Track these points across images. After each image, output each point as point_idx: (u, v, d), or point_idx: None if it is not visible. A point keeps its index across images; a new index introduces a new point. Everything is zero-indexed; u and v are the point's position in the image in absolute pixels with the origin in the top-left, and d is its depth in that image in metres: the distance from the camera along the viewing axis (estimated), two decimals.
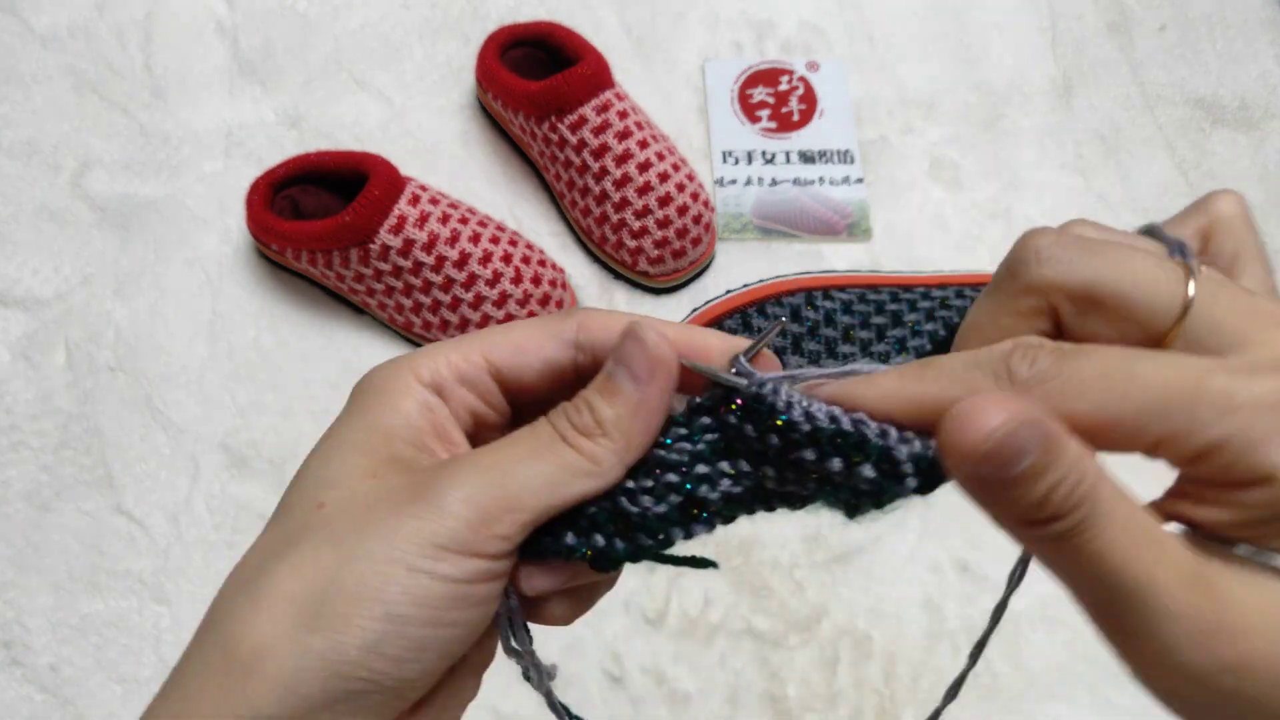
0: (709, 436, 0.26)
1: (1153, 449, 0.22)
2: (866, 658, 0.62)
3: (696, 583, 0.63)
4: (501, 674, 0.29)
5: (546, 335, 0.27)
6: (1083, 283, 0.24)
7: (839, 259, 0.75)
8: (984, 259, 0.75)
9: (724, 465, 0.25)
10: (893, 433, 0.23)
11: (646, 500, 0.25)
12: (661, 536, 0.25)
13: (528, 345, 0.27)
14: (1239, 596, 0.21)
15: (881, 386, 0.24)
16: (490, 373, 0.27)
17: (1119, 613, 0.21)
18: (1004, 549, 0.25)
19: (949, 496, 0.30)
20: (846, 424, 0.23)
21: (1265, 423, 0.21)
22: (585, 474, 0.24)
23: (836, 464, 0.23)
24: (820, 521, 0.66)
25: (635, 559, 0.25)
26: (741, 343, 0.27)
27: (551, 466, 0.24)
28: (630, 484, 0.25)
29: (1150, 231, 0.26)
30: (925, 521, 0.65)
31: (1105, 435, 0.21)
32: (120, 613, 0.61)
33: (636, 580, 0.63)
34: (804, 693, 0.61)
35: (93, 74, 0.78)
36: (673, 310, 0.71)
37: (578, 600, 0.28)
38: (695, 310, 0.67)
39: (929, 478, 0.23)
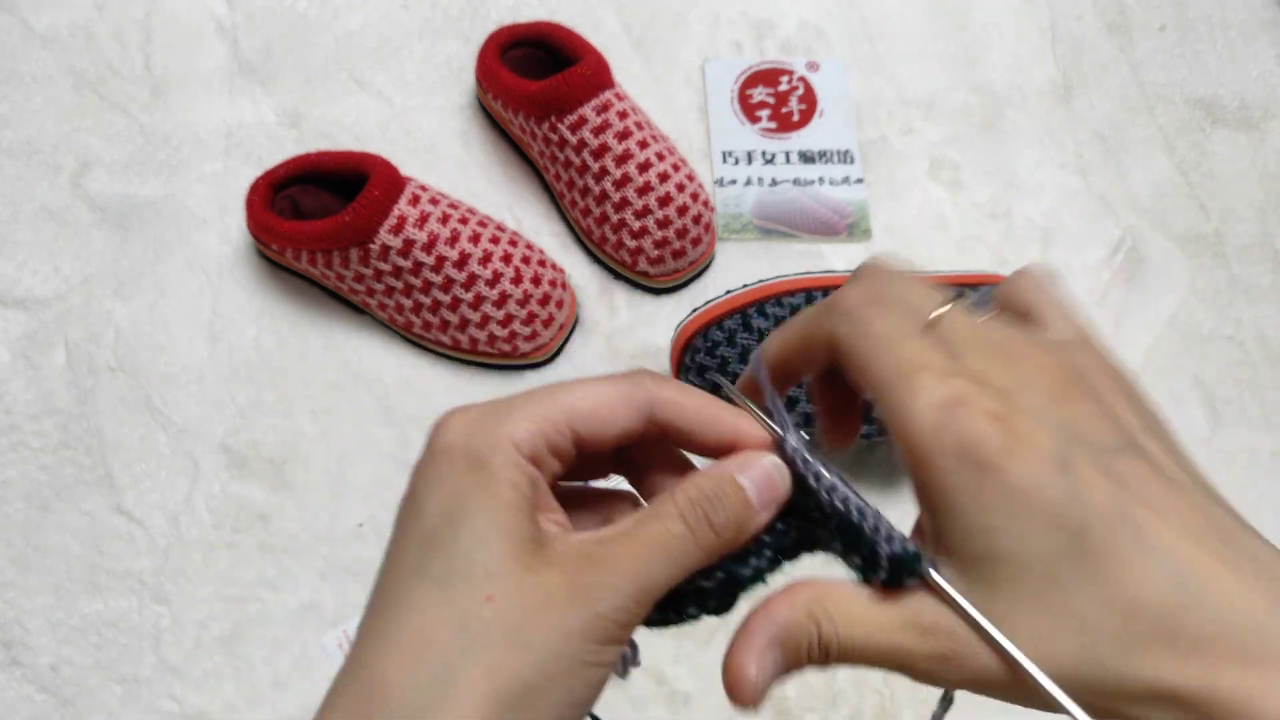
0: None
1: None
2: None
3: None
4: None
5: (623, 405, 0.29)
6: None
7: (839, 259, 0.75)
8: (984, 259, 0.75)
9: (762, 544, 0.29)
10: (883, 529, 0.26)
11: (702, 580, 0.29)
12: (705, 607, 0.30)
13: (607, 415, 0.29)
14: (924, 607, 0.27)
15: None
16: (573, 439, 0.28)
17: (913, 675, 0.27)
18: None
19: None
20: (854, 515, 0.27)
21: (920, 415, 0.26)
22: (693, 567, 0.28)
23: (838, 547, 0.28)
24: None
25: (672, 625, 0.30)
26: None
27: (676, 565, 0.27)
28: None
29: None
30: None
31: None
32: (120, 612, 0.61)
33: None
34: (804, 693, 0.61)
35: (93, 74, 0.78)
36: (672, 310, 0.71)
37: None
38: (695, 310, 0.67)
39: (898, 579, 0.26)
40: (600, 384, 0.29)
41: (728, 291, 0.68)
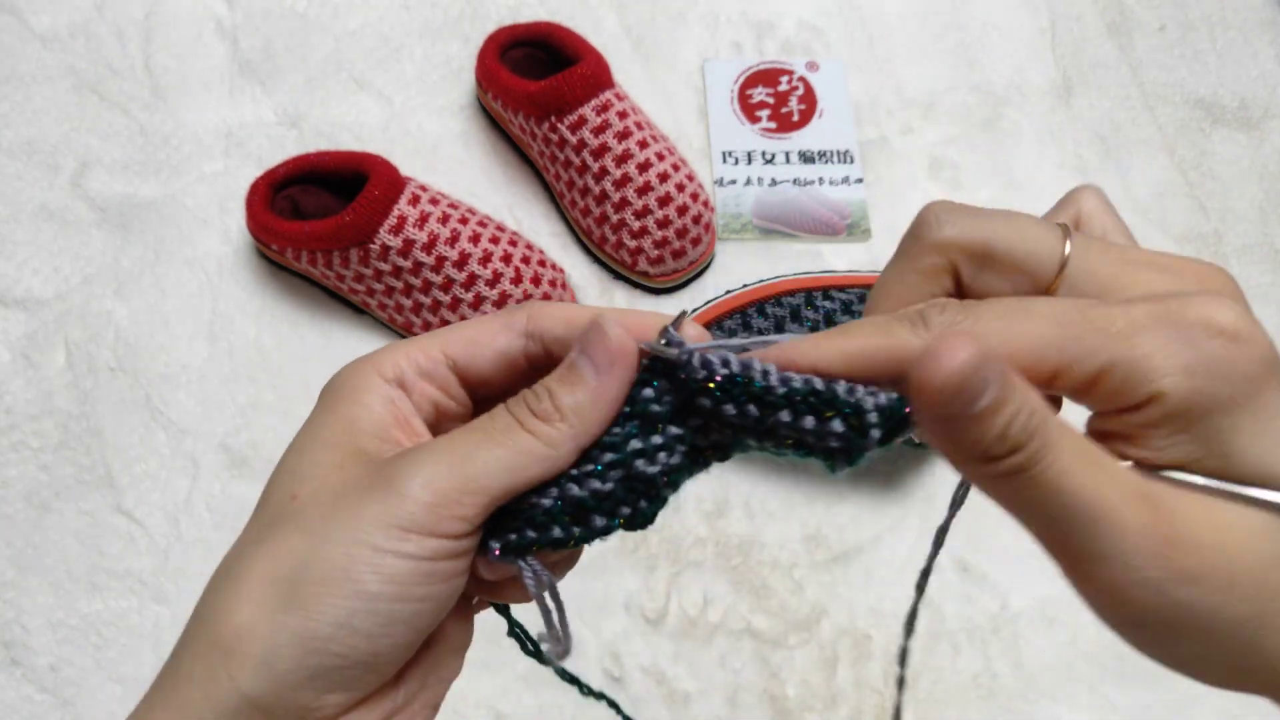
0: (654, 407, 0.27)
1: (1052, 381, 0.24)
2: (866, 658, 0.62)
3: (696, 582, 0.63)
4: (501, 674, 0.29)
5: (499, 327, 0.29)
6: (979, 239, 0.26)
7: (839, 259, 0.75)
8: None
9: (655, 439, 0.27)
10: (859, 389, 0.25)
11: (595, 483, 0.26)
12: (615, 513, 0.27)
13: (481, 338, 0.29)
14: (1185, 512, 0.23)
15: (814, 346, 0.26)
16: (449, 365, 0.28)
17: (1075, 538, 0.22)
18: (1004, 549, 0.25)
19: (949, 496, 0.30)
20: (819, 383, 0.25)
21: (1142, 343, 0.23)
22: (540, 458, 0.26)
23: (810, 421, 0.25)
24: (820, 521, 0.66)
25: (591, 540, 0.27)
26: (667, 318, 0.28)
27: (508, 451, 0.26)
28: (575, 470, 0.27)
29: None
30: (925, 521, 0.65)
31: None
32: (120, 612, 0.61)
33: (636, 580, 0.63)
34: (804, 692, 0.61)
35: (93, 74, 0.78)
36: (672, 310, 0.71)
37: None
38: (695, 310, 0.67)
39: (891, 429, 0.25)
40: (484, 315, 0.30)
41: (728, 291, 0.68)
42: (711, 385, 0.26)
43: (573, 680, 0.33)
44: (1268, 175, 0.82)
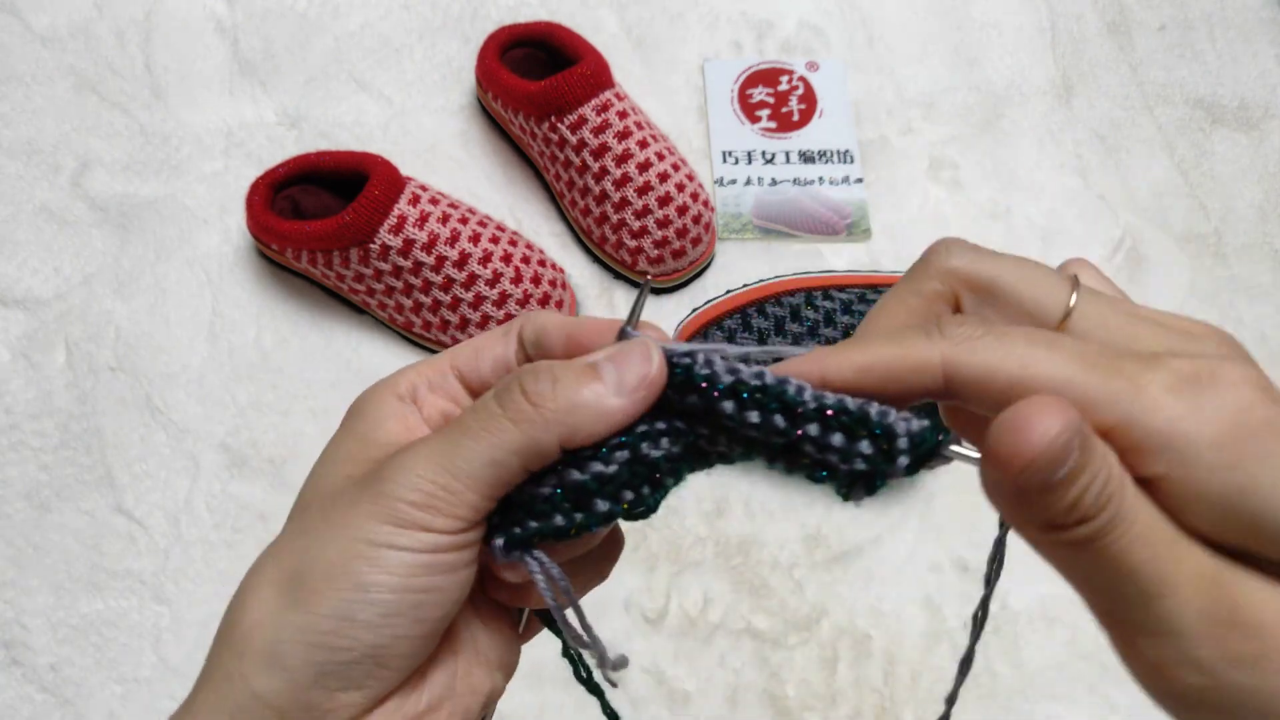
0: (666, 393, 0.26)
1: None
2: (866, 657, 0.62)
3: (696, 582, 0.63)
4: None
5: (497, 337, 0.30)
6: (985, 274, 0.26)
7: (839, 259, 0.75)
8: None
9: (660, 424, 0.26)
10: (891, 411, 0.24)
11: (598, 466, 0.26)
12: (617, 497, 0.26)
13: (483, 348, 0.29)
14: (1255, 595, 0.21)
15: (822, 358, 0.25)
16: (456, 376, 0.29)
17: (1131, 609, 0.21)
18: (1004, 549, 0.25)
19: (949, 496, 0.30)
20: (850, 401, 0.24)
21: (1168, 406, 0.21)
22: (522, 447, 0.25)
23: (838, 439, 0.24)
24: (820, 521, 0.66)
25: (594, 526, 0.26)
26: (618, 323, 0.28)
27: (489, 440, 0.25)
28: (574, 455, 0.26)
29: None
30: (925, 521, 0.65)
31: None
32: (120, 612, 0.61)
33: (637, 580, 0.63)
34: (804, 692, 0.61)
35: (93, 74, 0.78)
36: (673, 310, 0.71)
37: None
38: (695, 310, 0.67)
39: (919, 458, 0.24)
40: (489, 330, 0.31)
41: (728, 291, 0.68)
42: (739, 393, 0.25)
43: (599, 694, 0.33)
44: (1268, 175, 0.82)
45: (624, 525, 0.30)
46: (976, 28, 0.86)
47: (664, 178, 0.68)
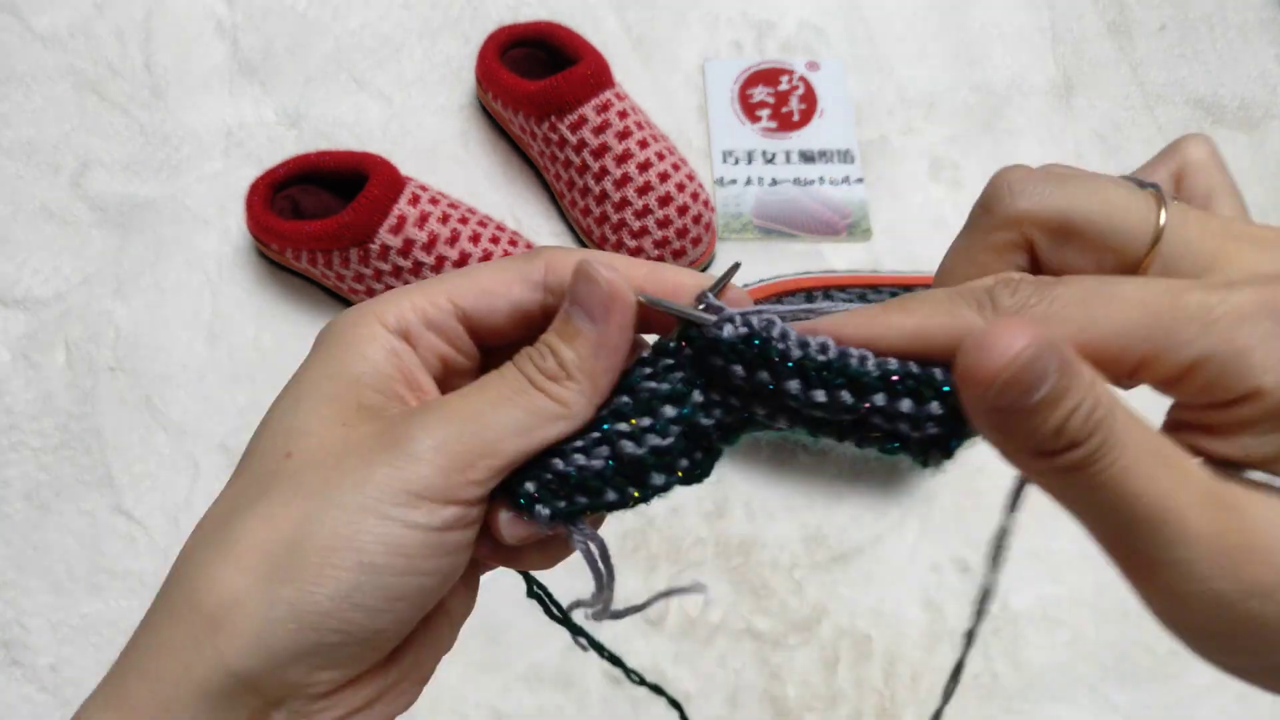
0: (676, 375, 0.25)
1: (1136, 372, 0.21)
2: (866, 658, 0.62)
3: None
4: (501, 674, 0.29)
5: (514, 277, 0.26)
6: (1057, 212, 0.24)
7: (839, 259, 0.75)
8: None
9: (714, 395, 0.25)
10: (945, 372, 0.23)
11: (654, 439, 0.25)
12: (674, 468, 0.25)
13: (495, 288, 0.26)
14: (1263, 518, 0.20)
15: (868, 320, 0.23)
16: (458, 317, 0.26)
17: (1137, 541, 0.20)
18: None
19: (949, 496, 0.30)
20: (913, 365, 0.23)
21: (1245, 334, 0.20)
22: (555, 417, 0.24)
23: (906, 404, 0.23)
24: (820, 521, 0.66)
25: (649, 498, 0.25)
26: (709, 279, 0.26)
27: (522, 412, 0.24)
28: (626, 428, 0.25)
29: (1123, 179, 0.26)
30: (925, 521, 0.65)
31: (1089, 360, 0.21)
32: (120, 613, 0.61)
33: (637, 580, 0.63)
34: (804, 693, 0.61)
35: (93, 74, 0.78)
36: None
37: (559, 546, 0.28)
38: None
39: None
40: (495, 262, 0.27)
41: None
42: (787, 363, 0.24)
43: (598, 647, 0.31)
44: (1268, 175, 0.82)
45: (624, 525, 0.29)
46: (977, 28, 0.86)
47: (664, 178, 0.68)
